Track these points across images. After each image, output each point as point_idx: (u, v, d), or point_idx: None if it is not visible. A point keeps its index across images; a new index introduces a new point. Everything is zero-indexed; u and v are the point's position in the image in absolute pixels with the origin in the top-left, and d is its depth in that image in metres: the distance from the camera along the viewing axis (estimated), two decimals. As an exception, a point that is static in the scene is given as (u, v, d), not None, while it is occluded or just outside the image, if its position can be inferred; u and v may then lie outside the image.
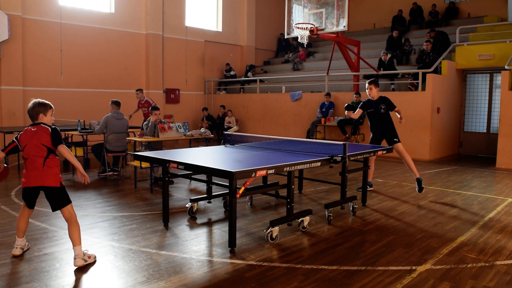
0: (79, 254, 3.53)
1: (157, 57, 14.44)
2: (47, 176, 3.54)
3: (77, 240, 3.56)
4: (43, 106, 3.66)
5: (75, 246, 3.55)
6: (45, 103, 3.69)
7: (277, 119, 13.61)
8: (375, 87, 6.46)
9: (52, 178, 3.55)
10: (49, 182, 3.54)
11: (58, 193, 3.59)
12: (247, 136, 6.04)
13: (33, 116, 3.65)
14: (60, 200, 3.59)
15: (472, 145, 11.70)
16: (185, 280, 3.32)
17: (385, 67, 11.91)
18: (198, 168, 3.98)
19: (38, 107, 3.64)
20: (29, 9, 11.65)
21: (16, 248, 3.76)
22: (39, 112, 3.64)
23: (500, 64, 10.09)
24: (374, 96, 6.48)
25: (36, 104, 3.65)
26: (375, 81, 6.51)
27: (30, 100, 3.71)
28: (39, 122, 3.65)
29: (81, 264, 3.51)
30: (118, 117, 7.53)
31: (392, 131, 6.48)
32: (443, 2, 15.90)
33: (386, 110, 6.44)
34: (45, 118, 3.67)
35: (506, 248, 4.13)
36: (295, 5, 11.65)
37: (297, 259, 3.76)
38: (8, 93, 11.31)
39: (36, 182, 3.54)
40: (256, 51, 17.85)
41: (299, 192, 6.52)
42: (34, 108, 3.64)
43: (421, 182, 6.37)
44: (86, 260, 3.57)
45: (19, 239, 3.78)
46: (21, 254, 3.78)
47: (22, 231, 3.78)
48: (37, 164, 3.53)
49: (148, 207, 5.59)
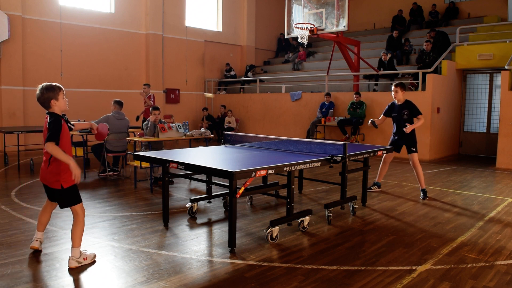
0: (75, 255, 3.49)
1: (157, 57, 14.44)
2: (50, 176, 3.45)
3: (77, 241, 3.50)
4: (51, 90, 3.27)
5: (73, 247, 3.51)
6: (52, 85, 3.30)
7: (277, 119, 13.61)
8: (401, 90, 6.26)
9: (53, 180, 3.42)
10: (52, 184, 3.46)
11: (62, 194, 3.47)
12: (247, 136, 6.04)
13: (44, 103, 3.29)
14: (66, 200, 3.49)
15: (472, 145, 11.70)
16: (185, 280, 3.32)
17: (385, 67, 11.90)
18: (198, 168, 3.98)
19: (46, 92, 3.26)
20: (29, 9, 11.65)
21: (36, 240, 3.77)
22: (50, 98, 3.26)
23: (500, 64, 10.09)
24: (400, 99, 6.32)
25: (44, 89, 3.26)
26: (402, 84, 6.30)
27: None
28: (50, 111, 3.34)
29: (74, 266, 3.47)
30: (119, 117, 7.53)
31: (412, 139, 6.29)
32: (443, 2, 15.90)
33: (409, 116, 6.23)
34: (57, 103, 3.32)
35: (506, 248, 4.13)
36: (295, 5, 11.65)
37: (297, 259, 3.76)
38: (8, 93, 11.31)
39: (43, 179, 3.53)
40: (256, 51, 17.86)
41: (299, 192, 6.52)
42: (43, 94, 3.27)
43: (426, 193, 6.29)
44: (81, 262, 3.51)
45: (39, 233, 3.79)
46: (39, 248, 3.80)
47: (43, 225, 3.78)
48: (45, 159, 3.47)
49: (148, 207, 5.59)
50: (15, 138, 8.80)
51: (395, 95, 6.34)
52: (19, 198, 5.91)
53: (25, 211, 5.23)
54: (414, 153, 6.29)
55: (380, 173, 6.71)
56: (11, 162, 9.15)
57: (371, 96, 11.33)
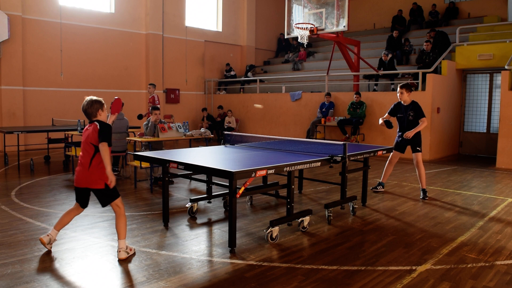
0: (123, 247, 3.68)
1: (157, 57, 14.44)
2: (92, 177, 3.58)
3: (122, 233, 3.70)
4: (99, 102, 3.64)
5: (120, 239, 3.69)
6: (100, 99, 3.66)
7: (277, 119, 13.61)
8: (406, 91, 6.24)
9: (98, 180, 3.59)
10: (94, 184, 3.61)
11: (104, 193, 3.66)
12: (247, 136, 6.04)
13: (92, 113, 3.62)
14: (107, 197, 3.69)
15: (472, 145, 11.70)
16: (185, 280, 3.32)
17: (385, 67, 11.90)
18: (198, 168, 3.98)
19: (96, 103, 3.61)
20: (29, 9, 11.65)
21: (47, 235, 3.82)
22: (98, 108, 3.62)
23: (500, 64, 10.09)
24: (406, 100, 6.30)
25: (94, 101, 3.61)
26: (407, 85, 6.29)
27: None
28: (95, 119, 3.63)
29: (125, 257, 3.67)
30: (118, 117, 7.53)
31: (417, 139, 6.30)
32: (443, 2, 15.90)
33: (415, 117, 6.24)
34: (103, 114, 3.66)
35: (506, 248, 4.13)
36: (295, 5, 11.65)
37: (297, 259, 3.76)
38: (8, 93, 11.31)
39: (83, 183, 3.63)
40: (256, 51, 17.85)
41: (299, 192, 6.52)
42: (93, 104, 3.61)
43: (426, 193, 6.31)
44: (128, 252, 3.73)
45: (54, 230, 3.84)
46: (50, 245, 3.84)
47: (62, 225, 3.85)
48: (85, 163, 3.59)
49: (148, 207, 5.59)
50: (15, 138, 8.80)
51: (400, 97, 6.31)
52: (19, 198, 5.91)
53: (25, 211, 5.22)
54: (418, 153, 6.30)
55: (385, 173, 6.70)
56: (11, 162, 9.15)
57: (371, 96, 11.33)
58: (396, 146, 6.47)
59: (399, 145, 6.45)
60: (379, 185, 6.72)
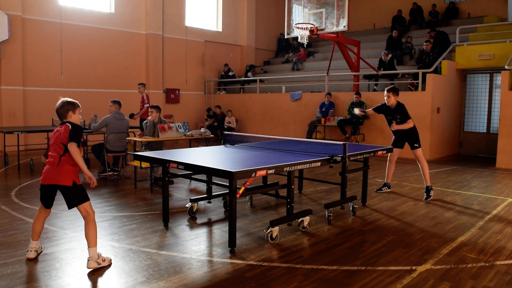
0: (93, 256, 3.48)
1: (157, 57, 14.44)
2: (60, 174, 3.49)
3: (92, 241, 3.50)
4: (71, 104, 3.65)
5: (89, 247, 3.50)
6: (73, 101, 3.67)
7: (277, 119, 13.61)
8: (393, 95, 6.27)
9: (66, 177, 3.49)
10: (62, 181, 3.49)
11: (72, 192, 3.52)
12: (247, 136, 6.04)
13: (62, 114, 3.63)
14: (74, 198, 3.53)
15: (472, 145, 11.70)
16: (185, 280, 3.32)
17: (385, 67, 11.90)
18: (198, 168, 3.98)
19: (67, 105, 3.63)
20: (29, 9, 11.65)
21: (30, 251, 3.67)
22: (68, 110, 3.63)
23: (500, 64, 10.09)
24: (393, 104, 6.33)
25: (65, 102, 3.64)
26: (394, 89, 6.32)
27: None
28: (66, 121, 3.63)
29: (94, 267, 3.46)
30: (118, 117, 7.53)
31: (414, 136, 6.33)
32: (443, 2, 15.90)
33: (402, 119, 6.28)
34: (74, 116, 3.66)
35: (506, 248, 4.13)
36: (295, 5, 11.64)
37: (297, 259, 3.76)
38: (8, 93, 11.31)
39: (50, 180, 3.52)
40: (256, 51, 17.85)
41: (299, 192, 6.52)
42: (64, 106, 3.62)
43: (430, 191, 6.27)
44: (100, 263, 3.51)
45: (33, 242, 3.70)
46: (36, 257, 3.70)
47: (37, 234, 3.70)
48: (53, 161, 3.53)
49: (148, 207, 5.59)
50: (15, 138, 8.80)
51: (387, 100, 6.35)
52: (19, 198, 5.91)
53: (25, 211, 5.23)
54: (417, 149, 6.33)
55: (388, 173, 6.68)
56: (11, 162, 9.15)
57: (371, 96, 11.33)
58: (394, 143, 6.54)
59: (396, 142, 6.52)
60: (384, 186, 6.71)
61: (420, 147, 6.37)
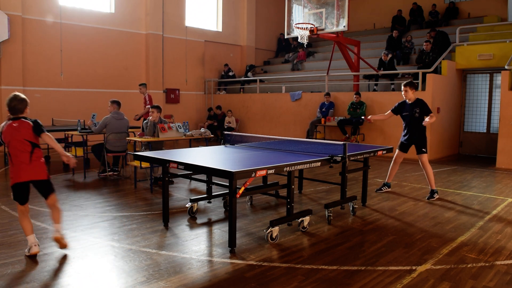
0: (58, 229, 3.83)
1: (157, 57, 14.44)
2: (36, 170, 3.71)
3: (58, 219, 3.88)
4: (27, 100, 3.83)
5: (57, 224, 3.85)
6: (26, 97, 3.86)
7: (277, 119, 13.61)
8: (411, 89, 6.18)
9: (42, 172, 3.75)
10: (39, 176, 3.74)
11: (48, 184, 3.83)
12: (247, 136, 6.04)
13: (21, 109, 3.76)
14: (49, 188, 3.85)
15: (472, 145, 11.69)
16: (185, 280, 3.32)
17: (385, 67, 11.90)
18: (198, 168, 3.98)
19: (25, 101, 3.80)
20: (29, 9, 11.65)
21: (35, 246, 3.74)
22: (26, 105, 3.81)
23: (500, 64, 10.09)
24: (411, 98, 6.23)
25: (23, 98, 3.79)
26: (410, 83, 6.22)
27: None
28: (22, 116, 3.77)
29: (59, 236, 3.79)
30: (118, 117, 7.53)
31: (423, 139, 6.25)
32: (443, 2, 15.90)
33: (421, 114, 6.16)
34: (28, 111, 3.84)
35: (506, 248, 4.13)
36: (295, 5, 11.64)
37: (297, 259, 3.76)
38: (8, 93, 11.13)
39: (27, 176, 3.68)
40: (256, 51, 17.85)
41: (299, 192, 6.52)
42: (23, 101, 3.78)
43: (434, 193, 6.22)
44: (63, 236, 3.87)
45: (30, 237, 3.77)
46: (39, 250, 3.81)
47: (29, 229, 3.79)
48: (24, 159, 3.66)
49: (148, 207, 5.59)
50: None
51: (405, 94, 6.26)
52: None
53: (25, 211, 5.22)
54: (423, 154, 6.22)
55: (390, 174, 6.66)
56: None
57: (371, 96, 11.33)
58: (401, 146, 6.44)
59: (403, 145, 6.42)
60: (384, 186, 6.69)
61: (427, 153, 6.27)
